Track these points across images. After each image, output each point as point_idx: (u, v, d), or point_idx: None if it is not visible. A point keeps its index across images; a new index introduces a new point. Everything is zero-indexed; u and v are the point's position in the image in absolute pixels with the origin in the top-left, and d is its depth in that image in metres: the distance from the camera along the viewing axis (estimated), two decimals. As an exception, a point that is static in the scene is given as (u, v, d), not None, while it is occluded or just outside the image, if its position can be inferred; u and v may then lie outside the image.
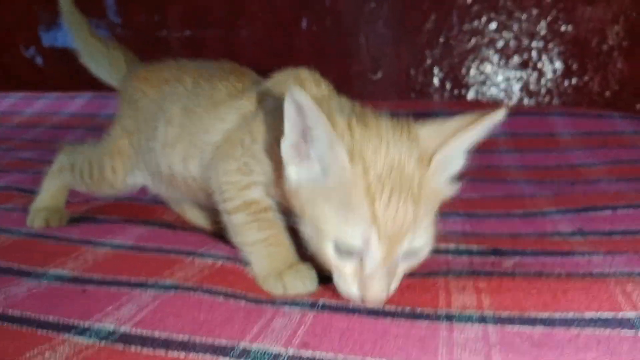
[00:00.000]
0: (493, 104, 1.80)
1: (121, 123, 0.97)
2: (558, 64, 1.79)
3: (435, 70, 1.89)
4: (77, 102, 2.06)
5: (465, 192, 1.22)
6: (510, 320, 0.58)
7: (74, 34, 1.09)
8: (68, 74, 2.23)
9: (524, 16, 1.80)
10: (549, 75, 1.81)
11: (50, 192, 1.03)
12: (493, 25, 1.82)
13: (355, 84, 1.94)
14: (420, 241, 0.61)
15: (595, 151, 1.41)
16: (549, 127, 1.59)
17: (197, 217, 1.03)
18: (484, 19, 1.82)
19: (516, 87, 1.84)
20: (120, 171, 0.96)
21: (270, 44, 1.98)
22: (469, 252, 0.83)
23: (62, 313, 0.63)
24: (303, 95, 0.56)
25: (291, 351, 0.54)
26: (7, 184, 1.26)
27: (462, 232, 0.97)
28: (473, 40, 1.84)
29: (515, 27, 1.81)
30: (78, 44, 1.08)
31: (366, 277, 0.59)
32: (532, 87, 1.83)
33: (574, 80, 1.80)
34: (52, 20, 2.19)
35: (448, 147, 0.60)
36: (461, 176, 0.67)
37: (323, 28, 1.94)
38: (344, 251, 0.59)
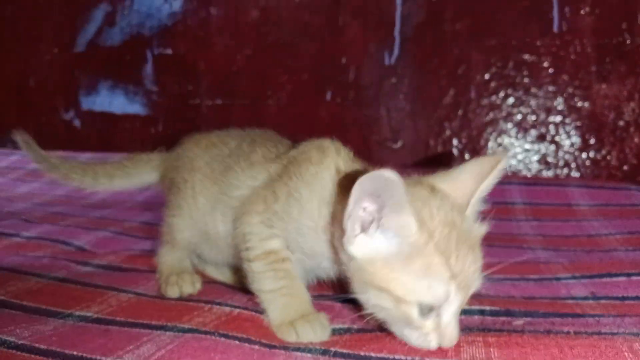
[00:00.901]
0: (513, 176, 1.84)
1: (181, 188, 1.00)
2: (575, 138, 1.84)
3: (455, 141, 1.95)
4: (110, 163, 2.16)
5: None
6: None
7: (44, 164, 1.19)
8: (102, 136, 2.36)
9: (540, 92, 1.87)
10: (567, 148, 1.85)
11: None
12: (510, 100, 1.89)
13: (375, 152, 2.01)
14: (477, 285, 0.68)
15: (612, 221, 1.42)
16: (567, 197, 1.61)
17: (218, 273, 1.06)
18: (501, 94, 1.89)
19: (534, 159, 1.88)
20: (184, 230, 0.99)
21: (295, 114, 2.08)
22: (481, 312, 0.85)
23: (85, 350, 0.66)
24: (395, 174, 0.59)
25: (301, 392, 0.56)
26: (38, 235, 1.32)
27: (477, 293, 0.98)
28: (491, 114, 1.91)
29: (532, 102, 1.87)
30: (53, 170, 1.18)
31: (445, 327, 0.65)
32: (550, 159, 1.87)
33: (591, 154, 1.83)
34: (91, 85, 2.35)
35: (476, 195, 0.70)
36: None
37: (346, 100, 2.04)
38: (425, 310, 0.64)
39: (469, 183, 0.70)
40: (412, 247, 0.63)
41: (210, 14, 2.18)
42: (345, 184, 0.70)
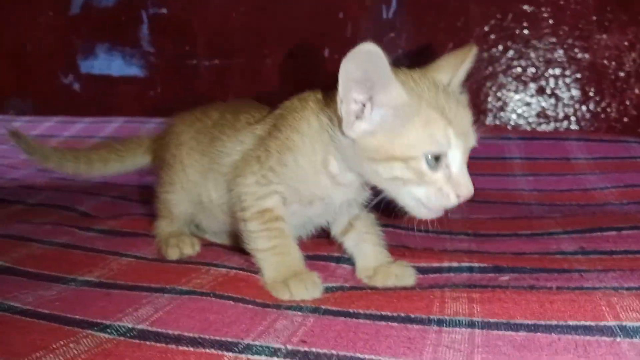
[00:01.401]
0: (513, 130, 1.84)
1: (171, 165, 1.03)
2: (575, 91, 1.82)
3: (454, 96, 1.94)
4: (110, 127, 2.17)
5: (475, 212, 1.26)
6: (497, 326, 0.62)
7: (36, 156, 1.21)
8: (103, 99, 2.36)
9: (540, 44, 1.84)
10: (567, 101, 1.83)
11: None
12: (510, 53, 1.86)
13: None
14: (474, 140, 0.73)
15: (609, 175, 1.43)
16: (565, 151, 1.61)
17: (216, 238, 1.09)
18: (500, 46, 1.87)
19: (533, 112, 1.87)
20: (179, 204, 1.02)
21: (293, 71, 2.06)
22: (470, 269, 0.87)
23: (86, 313, 0.70)
24: (375, 46, 0.65)
25: (289, 347, 0.59)
26: (41, 201, 1.35)
27: (468, 250, 1.00)
28: (490, 68, 1.89)
29: (532, 54, 1.85)
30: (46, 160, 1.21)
31: (456, 176, 0.69)
32: (549, 112, 1.86)
33: (591, 107, 1.82)
34: (89, 48, 2.33)
35: (458, 76, 0.78)
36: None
37: (343, 56, 2.01)
38: (433, 162, 0.69)
39: (447, 70, 0.77)
40: (406, 111, 0.69)
41: (204, -29, 2.14)
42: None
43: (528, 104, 1.87)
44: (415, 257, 0.92)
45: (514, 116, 1.89)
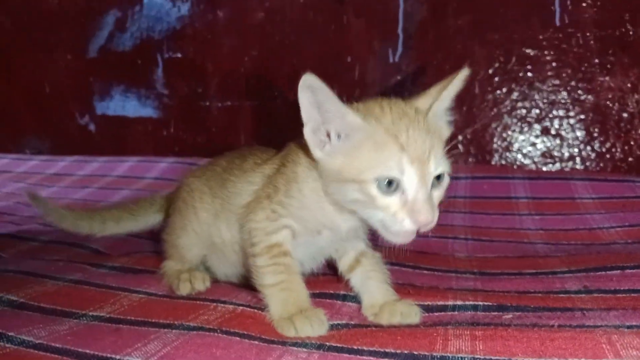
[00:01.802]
0: (517, 170, 1.86)
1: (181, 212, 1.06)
2: (579, 132, 1.85)
3: (459, 136, 1.97)
4: (124, 166, 2.22)
5: (481, 251, 1.27)
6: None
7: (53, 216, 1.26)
8: (117, 139, 2.42)
9: (544, 86, 1.88)
10: (571, 141, 1.86)
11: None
12: (514, 95, 1.90)
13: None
14: (441, 167, 0.74)
15: (614, 214, 1.44)
16: (570, 191, 1.63)
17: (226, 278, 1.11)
18: (504, 88, 1.91)
19: (539, 152, 1.89)
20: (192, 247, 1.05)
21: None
22: (474, 308, 0.88)
23: (97, 347, 0.71)
24: (312, 77, 0.71)
25: (293, 383, 0.60)
26: (54, 239, 1.38)
27: (473, 288, 1.01)
28: (495, 109, 1.93)
29: (536, 96, 1.89)
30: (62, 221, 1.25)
31: (412, 202, 0.71)
32: (554, 153, 1.88)
33: (596, 147, 1.84)
34: (105, 89, 2.41)
35: (440, 100, 0.79)
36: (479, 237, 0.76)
37: (352, 97, 2.06)
38: (385, 186, 0.71)
39: (431, 94, 0.81)
40: (360, 136, 0.72)
41: (217, 16, 2.23)
42: None
43: (533, 144, 1.90)
44: (420, 295, 0.93)
45: (519, 156, 1.92)
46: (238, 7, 2.19)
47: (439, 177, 0.75)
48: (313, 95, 0.73)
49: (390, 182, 0.71)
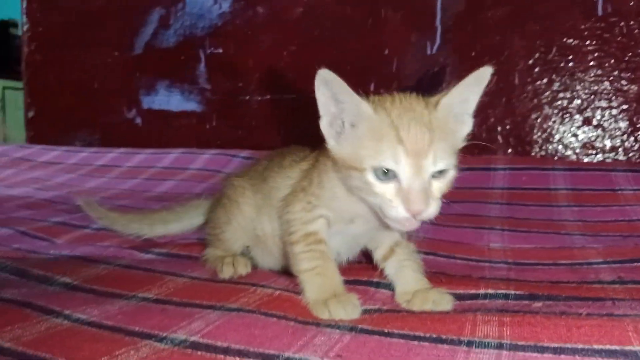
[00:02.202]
0: (559, 161, 1.84)
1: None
2: (622, 122, 1.81)
3: (499, 128, 1.96)
4: (169, 157, 2.31)
5: (517, 242, 1.28)
6: (524, 348, 0.65)
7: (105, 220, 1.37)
8: (162, 132, 2.51)
9: (585, 76, 1.85)
10: (613, 132, 1.83)
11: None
12: (555, 86, 1.88)
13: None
14: (442, 163, 0.76)
15: (656, 207, 1.41)
16: (611, 182, 1.61)
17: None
18: (545, 79, 1.89)
19: (580, 144, 1.87)
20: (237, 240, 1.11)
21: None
22: (506, 296, 0.89)
23: (145, 325, 0.77)
24: (327, 71, 0.75)
25: (326, 360, 0.64)
26: (104, 226, 1.46)
27: (506, 278, 1.03)
28: (535, 100, 1.91)
29: (578, 86, 1.86)
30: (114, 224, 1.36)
31: (406, 191, 0.74)
32: (597, 144, 1.85)
33: (639, 137, 1.81)
34: (150, 85, 2.50)
35: (449, 95, 0.80)
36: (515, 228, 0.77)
37: (389, 90, 2.08)
38: (381, 175, 0.75)
39: (445, 91, 0.82)
40: (368, 127, 0.77)
41: (256, 13, 2.28)
42: None
43: (575, 135, 1.87)
44: (452, 284, 0.95)
45: (560, 147, 1.89)
46: (277, 3, 2.24)
47: (442, 171, 0.77)
48: (329, 89, 0.78)
49: (385, 171, 0.75)
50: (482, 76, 0.81)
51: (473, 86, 0.82)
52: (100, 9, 2.56)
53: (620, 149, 1.83)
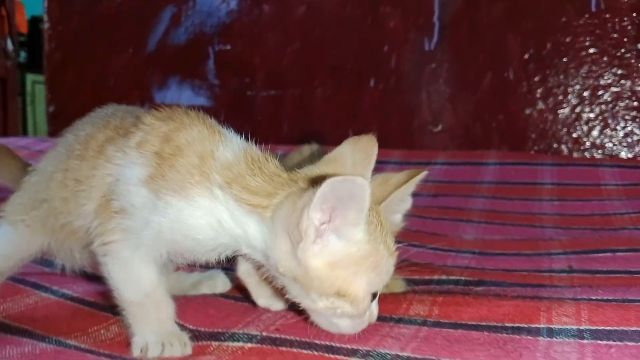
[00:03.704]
0: (549, 156, 1.87)
1: None
2: (616, 118, 1.83)
3: (493, 124, 2.00)
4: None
5: (489, 234, 1.33)
6: (443, 325, 0.72)
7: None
8: (173, 127, 2.62)
9: (580, 73, 1.88)
10: (606, 128, 1.85)
11: None
12: (549, 82, 1.91)
13: (416, 136, 2.10)
14: None
15: (634, 201, 1.44)
16: (597, 178, 1.64)
17: None
18: (539, 76, 1.92)
19: (571, 139, 1.89)
20: None
21: (340, 102, 2.21)
22: (456, 282, 0.96)
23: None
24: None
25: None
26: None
27: (466, 266, 1.09)
28: (529, 97, 1.94)
29: (572, 82, 1.89)
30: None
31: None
32: (589, 140, 1.88)
33: (636, 136, 1.82)
34: (162, 81, 2.61)
35: (389, 198, 0.73)
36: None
37: (388, 86, 2.14)
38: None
39: (390, 184, 0.76)
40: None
41: (262, 11, 2.36)
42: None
43: (568, 131, 1.90)
44: (413, 271, 1.01)
45: (553, 143, 1.92)
46: (281, 2, 2.31)
47: None
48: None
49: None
50: (420, 178, 0.76)
51: (411, 187, 0.77)
52: (116, 8, 2.67)
53: (610, 145, 1.85)
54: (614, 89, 1.83)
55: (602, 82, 1.84)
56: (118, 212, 0.66)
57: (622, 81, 1.82)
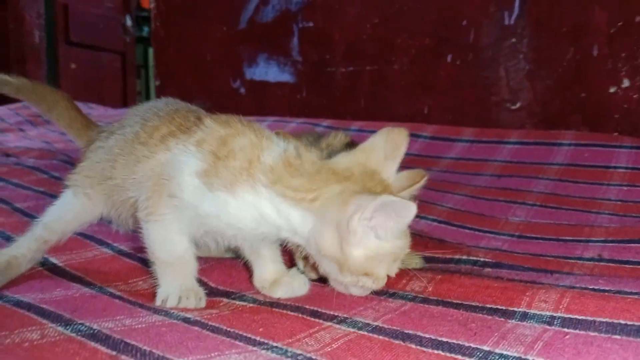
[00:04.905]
0: (627, 138, 1.75)
1: None
2: None
3: (575, 101, 1.91)
4: (263, 124, 2.55)
5: (540, 217, 1.32)
6: (430, 302, 0.76)
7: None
8: (260, 101, 2.77)
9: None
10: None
11: None
12: (636, 58, 1.78)
13: (493, 113, 2.06)
14: None
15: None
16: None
17: None
18: (625, 53, 1.79)
19: (660, 120, 1.76)
20: None
21: (416, 76, 2.21)
22: (474, 262, 0.98)
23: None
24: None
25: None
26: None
27: (495, 247, 1.10)
28: (614, 73, 1.82)
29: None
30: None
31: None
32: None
33: None
34: (252, 57, 2.76)
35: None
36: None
37: (465, 61, 2.11)
38: None
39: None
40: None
41: (344, -13, 2.40)
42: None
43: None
44: (438, 249, 1.05)
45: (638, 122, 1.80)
46: (362, -23, 2.34)
47: None
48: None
49: None
50: (419, 187, 0.83)
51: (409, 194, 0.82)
52: (212, -13, 2.85)
53: None
54: None
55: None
56: (168, 194, 0.78)
57: None
